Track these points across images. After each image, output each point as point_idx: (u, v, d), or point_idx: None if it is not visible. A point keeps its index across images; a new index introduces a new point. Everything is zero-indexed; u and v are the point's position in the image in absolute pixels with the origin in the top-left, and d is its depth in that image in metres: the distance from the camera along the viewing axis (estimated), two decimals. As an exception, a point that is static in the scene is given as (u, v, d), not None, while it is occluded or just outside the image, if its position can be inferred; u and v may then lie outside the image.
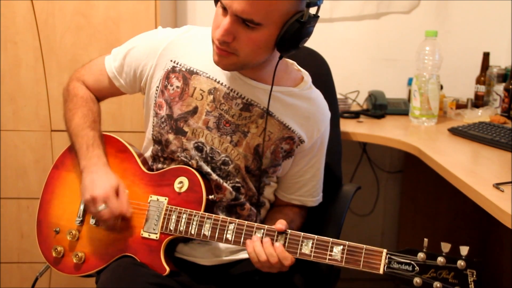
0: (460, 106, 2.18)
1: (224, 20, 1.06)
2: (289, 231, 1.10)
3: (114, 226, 1.21)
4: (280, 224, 1.10)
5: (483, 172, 1.42)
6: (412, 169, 2.41)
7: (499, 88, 2.10)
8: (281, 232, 1.10)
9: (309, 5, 1.05)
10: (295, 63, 1.32)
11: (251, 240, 1.11)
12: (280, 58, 1.16)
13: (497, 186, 1.24)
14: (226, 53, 1.10)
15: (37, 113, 1.91)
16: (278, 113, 1.24)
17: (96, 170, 1.22)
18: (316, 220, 1.44)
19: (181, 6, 2.32)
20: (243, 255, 1.30)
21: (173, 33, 1.28)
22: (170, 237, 1.18)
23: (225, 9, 1.06)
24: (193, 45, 1.25)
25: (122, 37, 1.80)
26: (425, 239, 1.00)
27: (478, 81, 2.22)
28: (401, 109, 2.17)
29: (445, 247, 0.98)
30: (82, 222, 1.27)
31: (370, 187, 2.50)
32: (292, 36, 1.07)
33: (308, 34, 1.10)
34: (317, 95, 1.30)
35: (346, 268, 1.07)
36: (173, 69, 1.24)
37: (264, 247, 1.09)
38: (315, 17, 1.09)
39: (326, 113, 1.31)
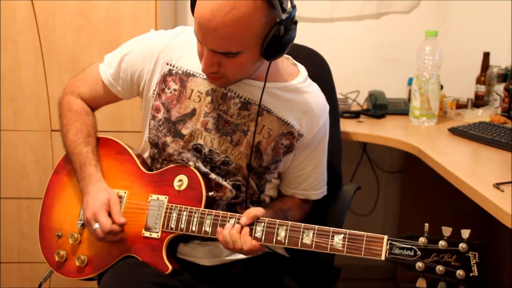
0: (460, 106, 2.18)
1: (205, 54, 1.08)
2: (289, 222, 1.10)
3: (115, 239, 1.20)
4: (246, 216, 1.11)
5: (483, 172, 1.42)
6: (412, 169, 2.41)
7: (499, 88, 2.10)
8: (282, 224, 1.10)
9: (281, 23, 1.02)
10: (290, 57, 1.32)
11: (221, 229, 1.13)
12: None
13: (497, 186, 1.24)
14: (216, 78, 1.13)
15: (37, 113, 1.91)
16: (276, 109, 1.24)
17: (89, 191, 1.23)
18: (316, 219, 1.43)
19: (181, 6, 2.32)
20: (243, 255, 1.30)
21: (167, 36, 1.27)
22: (172, 235, 1.18)
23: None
24: (188, 46, 1.25)
25: (122, 37, 1.81)
26: (425, 224, 1.00)
27: (478, 81, 2.22)
28: (401, 109, 2.17)
29: (446, 231, 0.98)
30: (83, 225, 1.27)
31: (370, 187, 2.50)
32: (275, 48, 1.07)
33: (290, 40, 1.09)
34: (314, 88, 1.30)
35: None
36: (169, 72, 1.24)
37: (230, 234, 1.11)
38: (294, 23, 1.07)
39: (324, 105, 1.30)
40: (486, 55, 2.20)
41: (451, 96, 2.25)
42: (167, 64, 1.24)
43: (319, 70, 1.59)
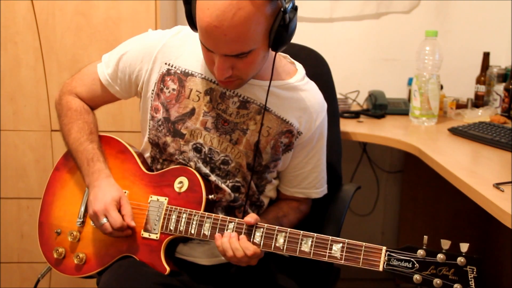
0: (460, 106, 2.18)
1: (216, 61, 1.07)
2: (289, 229, 1.10)
3: (121, 235, 1.20)
4: (250, 217, 1.11)
5: (483, 172, 1.42)
6: (412, 169, 2.41)
7: (499, 88, 2.10)
8: (281, 231, 1.10)
9: (286, 12, 1.03)
10: (288, 56, 1.32)
11: (219, 235, 1.12)
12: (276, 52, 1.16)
13: (497, 186, 1.24)
14: (230, 81, 1.13)
15: (37, 113, 1.91)
16: (275, 107, 1.24)
17: (98, 185, 1.22)
18: (316, 219, 1.44)
19: (181, 6, 2.31)
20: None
21: (165, 35, 1.27)
22: (170, 237, 1.18)
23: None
24: (186, 46, 1.25)
25: (122, 37, 1.80)
26: (424, 236, 1.00)
27: (478, 81, 2.22)
28: (401, 109, 2.17)
29: (445, 244, 0.98)
30: (83, 223, 1.27)
31: (370, 187, 2.50)
32: (282, 38, 1.07)
33: (294, 27, 1.09)
34: (312, 86, 1.30)
35: (346, 268, 1.07)
36: (168, 72, 1.24)
37: (230, 242, 1.10)
38: (295, 9, 1.07)
39: (322, 103, 1.31)
40: (486, 55, 2.20)
41: (451, 96, 2.25)
42: (166, 63, 1.24)
43: (319, 70, 1.59)
